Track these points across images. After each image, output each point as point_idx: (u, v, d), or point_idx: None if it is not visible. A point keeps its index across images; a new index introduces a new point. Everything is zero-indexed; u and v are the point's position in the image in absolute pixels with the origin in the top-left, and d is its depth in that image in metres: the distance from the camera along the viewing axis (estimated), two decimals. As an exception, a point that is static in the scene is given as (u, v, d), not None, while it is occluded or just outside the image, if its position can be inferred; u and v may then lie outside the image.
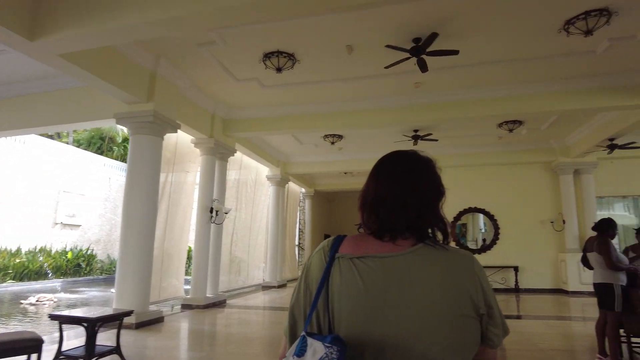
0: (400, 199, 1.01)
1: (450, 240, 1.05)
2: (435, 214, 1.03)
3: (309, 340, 0.88)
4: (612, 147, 8.91)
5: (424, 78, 6.97)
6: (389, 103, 7.78)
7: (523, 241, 11.06)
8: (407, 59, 5.65)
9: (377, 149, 11.41)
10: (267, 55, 6.03)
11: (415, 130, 9.72)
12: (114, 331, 4.61)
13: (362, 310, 0.93)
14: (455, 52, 5.58)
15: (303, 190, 16.61)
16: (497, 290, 10.94)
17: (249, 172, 11.78)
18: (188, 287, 8.48)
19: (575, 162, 10.53)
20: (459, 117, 7.58)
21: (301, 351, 0.87)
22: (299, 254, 16.61)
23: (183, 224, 8.54)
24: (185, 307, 8.11)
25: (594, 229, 4.51)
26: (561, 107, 7.16)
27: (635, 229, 5.35)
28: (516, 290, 10.85)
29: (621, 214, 11.36)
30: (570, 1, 4.83)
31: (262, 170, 12.50)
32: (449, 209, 11.75)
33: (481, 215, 11.86)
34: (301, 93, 7.63)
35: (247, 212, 11.61)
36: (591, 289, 4.82)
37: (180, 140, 8.34)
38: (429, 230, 1.02)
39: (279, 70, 6.18)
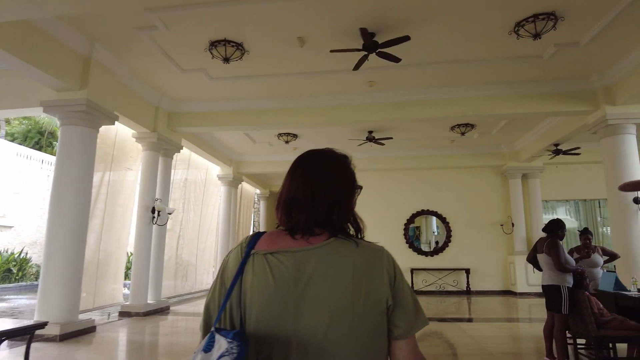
0: (310, 198, 1.03)
1: (363, 235, 1.07)
2: (346, 210, 1.06)
3: (217, 336, 0.89)
4: (557, 152, 9.21)
5: (378, 77, 6.84)
6: (342, 101, 7.58)
7: (474, 244, 11.26)
8: (358, 50, 5.44)
9: (332, 149, 11.22)
10: (214, 44, 5.63)
11: (370, 132, 9.61)
12: (34, 345, 4.06)
13: (271, 305, 0.94)
14: (407, 38, 5.32)
15: (258, 191, 16.16)
16: (449, 292, 11.05)
17: (199, 171, 11.23)
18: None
19: (524, 166, 10.85)
20: (412, 117, 7.51)
21: (208, 347, 0.88)
22: (252, 257, 16.09)
23: (122, 226, 7.91)
24: (124, 314, 7.49)
25: (544, 230, 4.49)
26: (510, 111, 7.25)
27: (580, 231, 5.43)
28: (467, 292, 11.00)
29: (563, 218, 11.82)
30: (520, 4, 4.86)
31: (213, 170, 11.97)
32: (403, 211, 11.79)
33: (434, 218, 11.98)
34: (251, 87, 7.26)
35: (195, 213, 11.04)
36: (538, 289, 4.82)
37: (121, 134, 7.73)
38: (344, 225, 1.05)
39: (226, 60, 5.80)
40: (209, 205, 11.80)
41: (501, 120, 8.91)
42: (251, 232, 16.50)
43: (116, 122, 6.65)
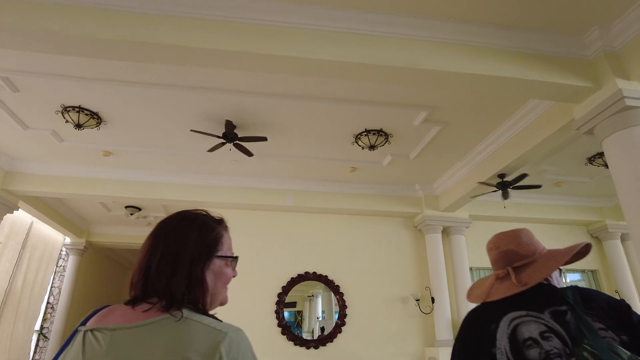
0: (147, 259, 0.95)
1: (207, 309, 0.93)
2: (183, 277, 0.92)
3: None
4: (502, 186, 6.26)
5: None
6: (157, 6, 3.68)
7: (378, 328, 7.37)
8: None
9: (166, 158, 6.98)
10: None
11: (230, 122, 5.74)
12: None
13: None
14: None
15: (68, 239, 10.71)
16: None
17: None
18: None
19: (445, 217, 7.78)
20: (308, 56, 3.85)
21: None
22: (37, 345, 10.05)
23: None
24: None
25: None
26: (471, 69, 4.04)
27: None
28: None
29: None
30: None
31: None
32: (277, 275, 7.58)
33: (320, 296, 8.02)
34: None
35: None
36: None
37: None
38: (179, 295, 0.90)
39: None
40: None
41: (431, 128, 5.71)
42: (43, 306, 10.65)
43: None
